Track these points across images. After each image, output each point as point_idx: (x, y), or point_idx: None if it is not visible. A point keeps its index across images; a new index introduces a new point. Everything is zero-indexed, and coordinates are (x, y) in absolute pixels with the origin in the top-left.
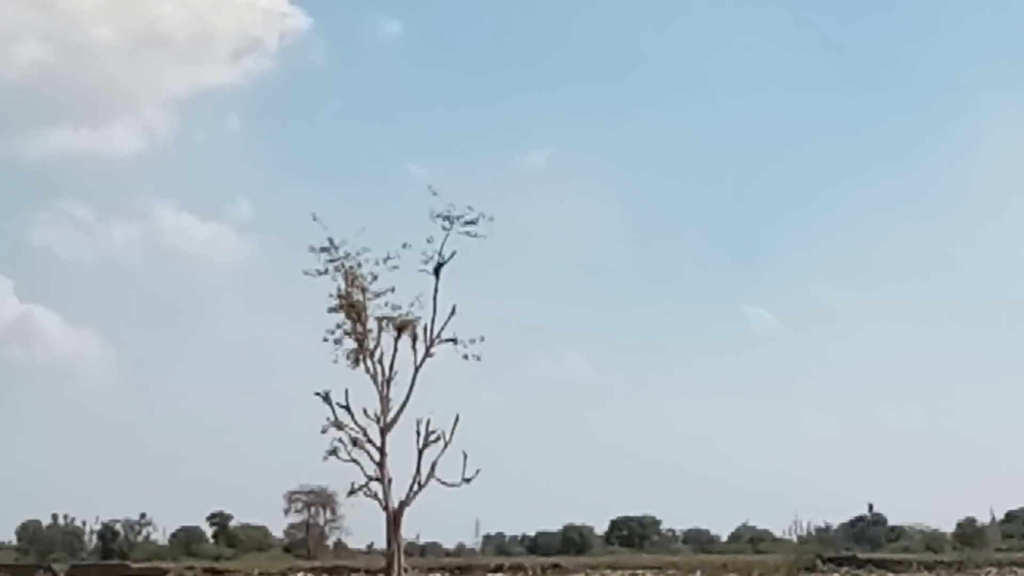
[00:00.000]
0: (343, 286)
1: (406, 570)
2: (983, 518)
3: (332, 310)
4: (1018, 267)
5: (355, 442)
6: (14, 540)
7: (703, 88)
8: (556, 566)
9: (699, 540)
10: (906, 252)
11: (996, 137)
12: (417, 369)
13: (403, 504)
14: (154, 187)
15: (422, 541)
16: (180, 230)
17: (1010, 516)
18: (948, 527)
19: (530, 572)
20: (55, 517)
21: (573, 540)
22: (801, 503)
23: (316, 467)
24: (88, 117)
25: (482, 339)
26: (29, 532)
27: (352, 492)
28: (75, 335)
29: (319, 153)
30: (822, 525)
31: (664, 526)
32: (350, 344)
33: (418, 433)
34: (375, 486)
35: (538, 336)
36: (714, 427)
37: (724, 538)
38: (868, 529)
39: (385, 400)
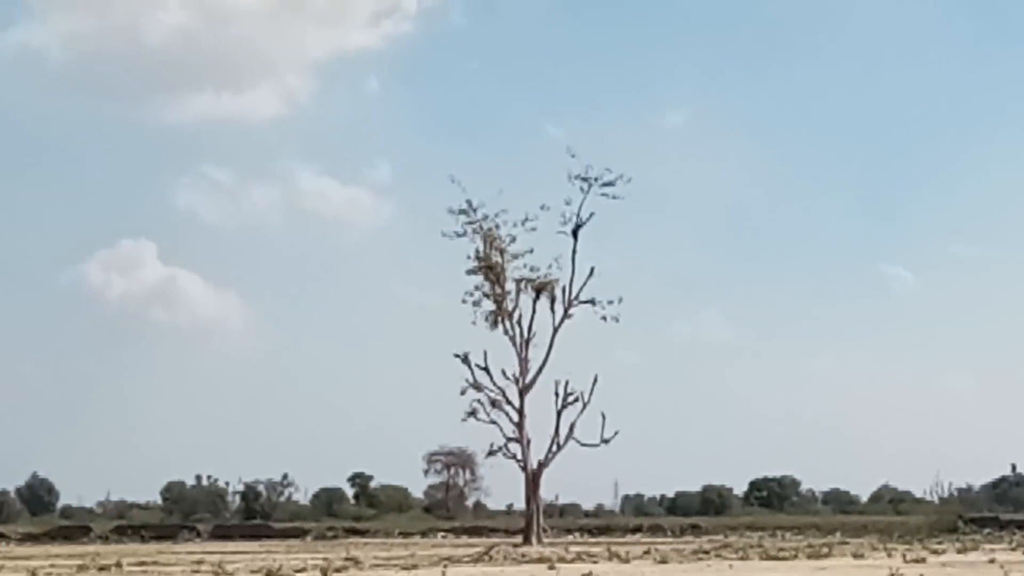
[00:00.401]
0: (482, 248)
1: (545, 530)
2: None
3: (471, 272)
4: None
5: (494, 403)
6: (159, 500)
7: (842, 46)
8: (695, 527)
9: (839, 501)
10: None
11: None
12: (556, 330)
13: (542, 465)
14: (294, 150)
15: (561, 502)
16: (320, 193)
17: None
18: None
19: (669, 533)
20: (199, 478)
21: (712, 501)
22: (943, 463)
23: (455, 428)
24: (230, 82)
25: (620, 300)
26: (173, 493)
27: (491, 453)
28: (217, 297)
29: (457, 115)
30: (964, 486)
31: (804, 487)
32: (488, 305)
33: (557, 394)
34: (514, 447)
35: (676, 296)
36: (854, 387)
37: (864, 499)
38: (1011, 490)
39: (524, 361)
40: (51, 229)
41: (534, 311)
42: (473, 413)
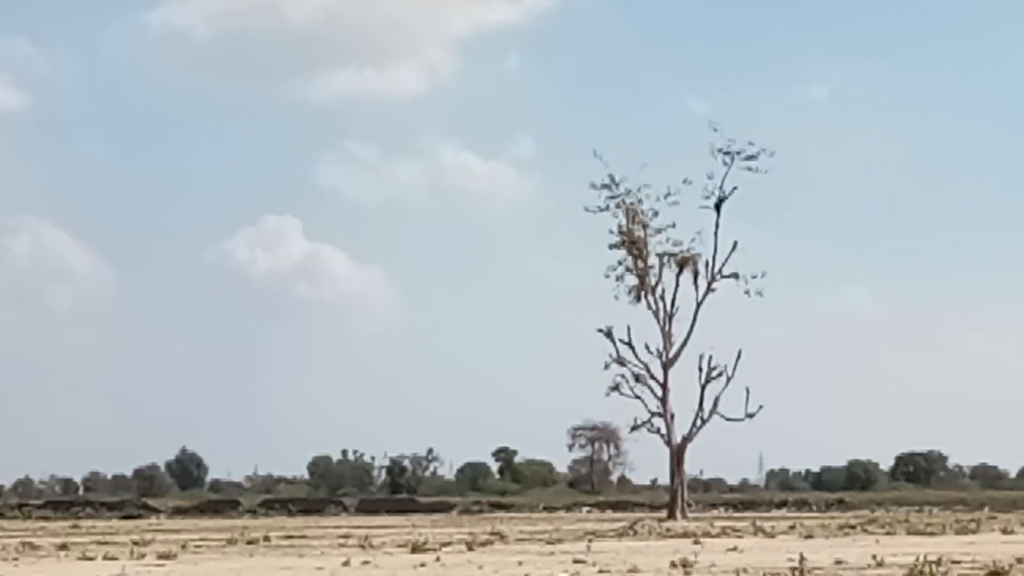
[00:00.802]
0: (624, 222)
1: (689, 505)
2: None
3: (613, 246)
4: None
5: (637, 378)
6: (306, 475)
7: (990, 23)
8: (841, 502)
9: (987, 476)
10: None
11: None
12: (699, 305)
13: (686, 439)
14: (437, 126)
15: (705, 476)
16: (463, 168)
17: None
18: None
19: (814, 508)
20: (345, 453)
21: (858, 476)
22: None
23: (599, 403)
24: (372, 58)
25: (764, 274)
26: (320, 467)
27: (635, 427)
28: (361, 273)
29: (599, 90)
30: None
31: (951, 462)
32: (631, 280)
33: (700, 369)
34: (658, 421)
35: (820, 270)
36: (1004, 362)
37: (1013, 474)
38: None
39: (667, 336)
40: (196, 206)
41: (677, 285)
42: (617, 388)
